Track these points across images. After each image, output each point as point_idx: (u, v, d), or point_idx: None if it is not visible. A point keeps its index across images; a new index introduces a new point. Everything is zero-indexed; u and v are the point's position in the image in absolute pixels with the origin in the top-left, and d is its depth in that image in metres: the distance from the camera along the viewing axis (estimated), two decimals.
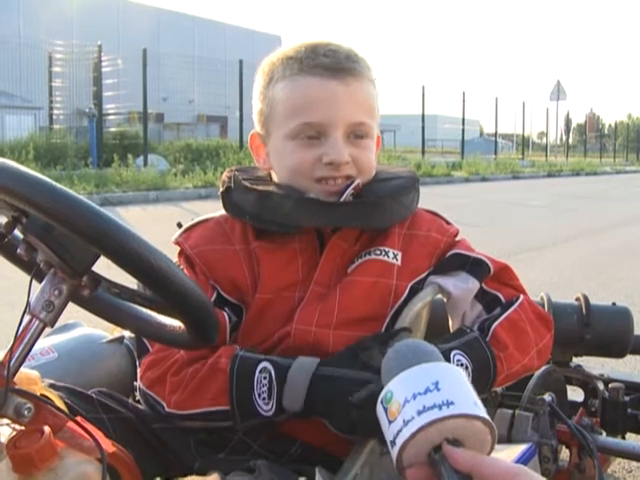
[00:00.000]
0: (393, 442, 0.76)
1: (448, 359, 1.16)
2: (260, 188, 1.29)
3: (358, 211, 1.28)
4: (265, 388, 1.13)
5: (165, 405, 1.19)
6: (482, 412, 0.75)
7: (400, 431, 0.75)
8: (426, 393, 0.75)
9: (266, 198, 1.27)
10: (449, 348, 1.18)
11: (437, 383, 0.76)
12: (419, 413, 0.74)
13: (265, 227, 1.29)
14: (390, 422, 0.76)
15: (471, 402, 0.75)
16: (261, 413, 1.13)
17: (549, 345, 1.33)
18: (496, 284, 1.33)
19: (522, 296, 1.33)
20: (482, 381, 1.20)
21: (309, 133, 1.26)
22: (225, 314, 1.27)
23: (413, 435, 0.74)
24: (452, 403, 0.74)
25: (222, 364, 1.17)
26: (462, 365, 1.17)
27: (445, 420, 0.73)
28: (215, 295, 1.29)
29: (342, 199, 1.27)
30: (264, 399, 1.13)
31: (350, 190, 1.27)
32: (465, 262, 1.33)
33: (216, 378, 1.16)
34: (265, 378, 1.13)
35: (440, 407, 0.73)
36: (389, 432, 0.76)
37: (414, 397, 0.75)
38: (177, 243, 1.35)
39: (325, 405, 1.10)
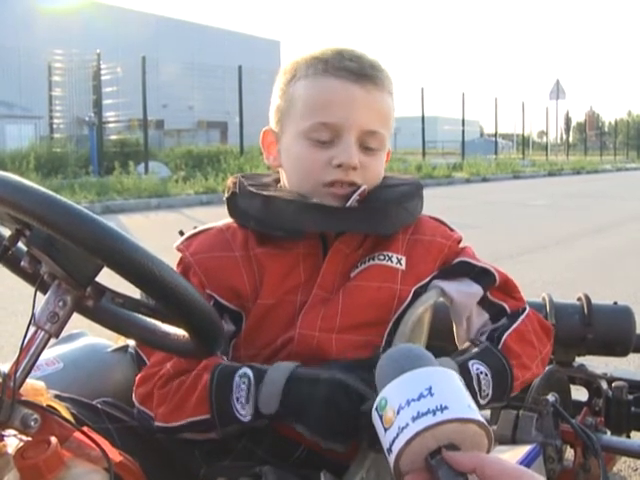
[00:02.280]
0: (389, 450, 0.76)
1: (467, 370, 1.17)
2: (265, 193, 1.30)
3: (363, 217, 1.28)
4: (243, 392, 1.13)
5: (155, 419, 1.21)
6: (476, 415, 0.75)
7: (396, 438, 0.75)
8: (420, 399, 0.75)
9: (271, 203, 1.28)
10: (465, 359, 1.20)
11: (430, 388, 0.76)
12: (414, 419, 0.74)
13: (270, 232, 1.29)
14: (386, 429, 0.77)
15: (465, 405, 0.76)
16: (239, 418, 1.14)
17: (549, 353, 1.37)
18: (501, 295, 1.35)
19: (528, 307, 1.36)
20: (501, 387, 1.22)
21: (323, 134, 1.26)
22: (224, 323, 1.27)
23: (409, 442, 0.74)
24: (446, 408, 0.74)
25: (204, 374, 1.18)
26: (482, 373, 1.19)
27: (440, 425, 0.73)
28: (212, 304, 1.28)
29: (347, 204, 1.27)
30: (241, 403, 1.13)
31: (356, 196, 1.27)
32: (471, 270, 1.34)
33: (198, 388, 1.17)
34: (244, 383, 1.14)
35: (434, 412, 0.74)
36: (385, 440, 0.77)
37: (408, 403, 0.75)
38: (179, 250, 1.35)
39: (299, 406, 1.10)
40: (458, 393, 0.77)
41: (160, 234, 5.17)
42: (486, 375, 1.19)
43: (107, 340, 1.70)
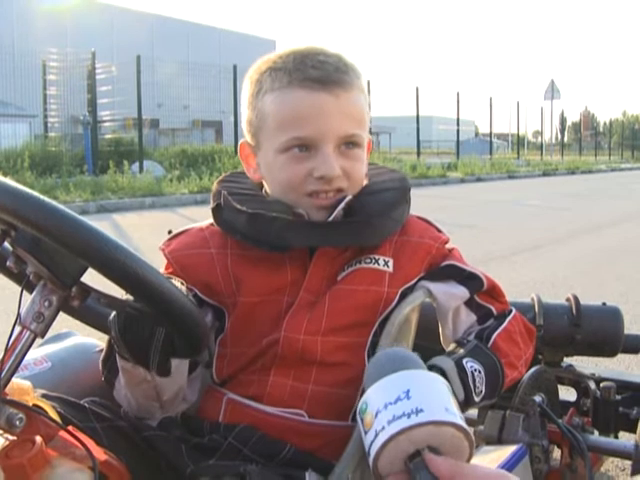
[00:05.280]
0: (368, 453, 0.76)
1: (463, 368, 1.19)
2: (250, 211, 1.28)
3: (348, 230, 1.28)
4: None
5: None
6: (454, 418, 0.75)
7: (373, 441, 0.75)
8: (396, 402, 0.75)
9: (255, 220, 1.27)
10: (459, 357, 1.21)
11: (408, 391, 0.75)
12: (389, 422, 0.74)
13: (257, 247, 1.28)
14: (365, 433, 0.77)
15: (442, 409, 0.75)
16: None
17: (532, 356, 1.39)
18: (488, 298, 1.37)
19: (514, 309, 1.38)
20: (493, 384, 1.24)
21: (299, 148, 1.25)
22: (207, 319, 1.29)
23: (384, 445, 0.74)
24: (421, 411, 0.74)
25: None
26: (476, 370, 1.20)
27: (414, 428, 0.73)
28: (193, 296, 1.29)
29: (332, 217, 1.27)
30: None
31: (341, 206, 1.27)
32: (459, 274, 1.35)
33: None
34: None
35: (409, 415, 0.73)
36: (365, 443, 0.77)
37: (385, 407, 0.75)
38: (161, 249, 1.36)
39: None
40: (436, 396, 0.77)
41: (154, 233, 5.17)
42: (480, 372, 1.20)
43: (96, 340, 1.70)
